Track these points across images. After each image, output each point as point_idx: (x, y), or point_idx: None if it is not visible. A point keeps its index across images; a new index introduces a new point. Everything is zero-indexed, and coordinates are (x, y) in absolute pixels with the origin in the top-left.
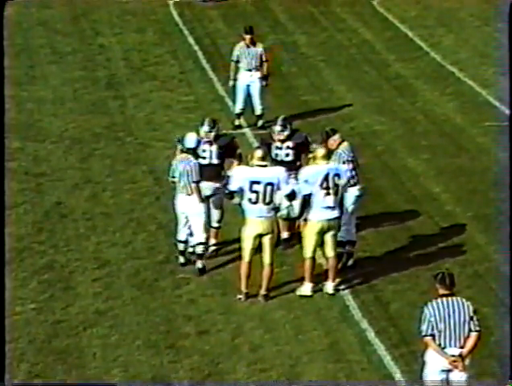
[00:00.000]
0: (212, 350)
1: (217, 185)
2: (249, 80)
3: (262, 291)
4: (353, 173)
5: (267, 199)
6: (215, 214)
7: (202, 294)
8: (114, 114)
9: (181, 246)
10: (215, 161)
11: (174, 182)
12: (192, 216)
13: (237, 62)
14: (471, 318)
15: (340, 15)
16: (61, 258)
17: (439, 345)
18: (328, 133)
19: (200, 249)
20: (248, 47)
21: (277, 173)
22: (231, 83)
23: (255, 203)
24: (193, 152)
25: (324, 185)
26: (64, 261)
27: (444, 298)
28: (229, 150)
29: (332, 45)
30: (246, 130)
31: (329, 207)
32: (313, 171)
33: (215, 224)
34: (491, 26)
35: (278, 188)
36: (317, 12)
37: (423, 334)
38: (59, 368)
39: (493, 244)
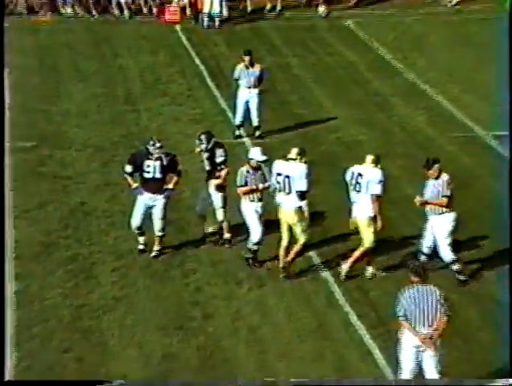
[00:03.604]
0: (216, 331)
1: (159, 197)
2: (248, 96)
3: (288, 258)
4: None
5: (287, 190)
6: (158, 224)
7: (207, 283)
8: (130, 125)
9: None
10: (158, 175)
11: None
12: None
13: (238, 80)
14: (440, 303)
15: (327, 40)
16: (84, 251)
17: (412, 326)
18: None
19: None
20: (247, 67)
21: (295, 169)
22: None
23: (278, 192)
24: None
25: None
26: (86, 254)
27: (417, 286)
28: (172, 167)
29: (321, 66)
30: (245, 139)
31: None
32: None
33: (158, 233)
34: (457, 51)
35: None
36: (308, 38)
37: (398, 316)
38: (84, 346)
39: (461, 238)
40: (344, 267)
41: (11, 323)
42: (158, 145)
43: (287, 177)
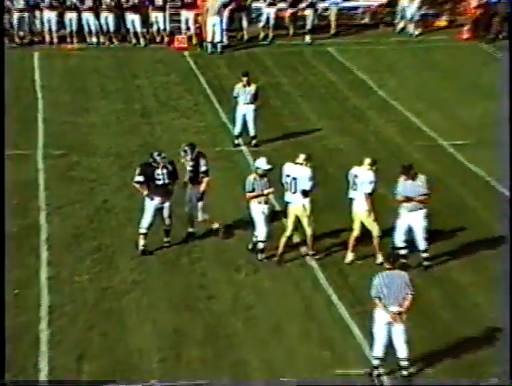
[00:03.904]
0: (218, 309)
1: (167, 200)
2: (245, 110)
3: (310, 252)
4: None
5: (293, 190)
6: (167, 220)
7: (211, 269)
8: (146, 136)
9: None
10: (167, 181)
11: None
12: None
13: (237, 97)
14: (408, 286)
15: (312, 64)
16: (107, 242)
17: (384, 305)
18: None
19: (261, 245)
20: (245, 86)
21: (301, 172)
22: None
23: (286, 190)
24: None
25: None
26: (109, 244)
27: (388, 271)
28: (175, 172)
29: (307, 85)
30: (243, 148)
31: None
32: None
33: (167, 227)
34: (422, 73)
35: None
36: (295, 61)
37: (373, 297)
38: (106, 323)
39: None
40: (379, 257)
41: (45, 304)
42: (163, 155)
43: (294, 178)
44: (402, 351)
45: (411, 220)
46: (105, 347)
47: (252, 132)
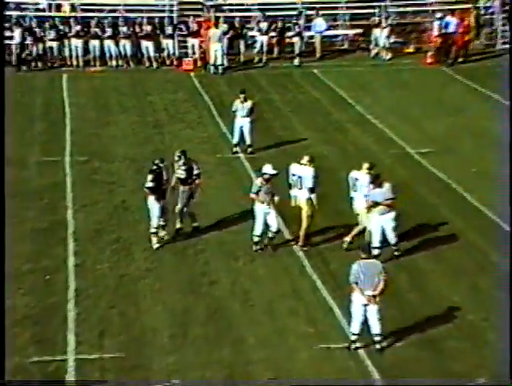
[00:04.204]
0: (219, 293)
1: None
2: (242, 123)
3: (300, 243)
4: None
5: (299, 186)
6: (165, 217)
7: (212, 258)
8: (157, 144)
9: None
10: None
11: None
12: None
13: (235, 112)
14: (381, 273)
15: (300, 83)
16: (124, 235)
17: (361, 289)
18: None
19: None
20: (242, 102)
21: (306, 171)
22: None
23: (294, 187)
24: None
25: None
26: (126, 237)
27: (364, 260)
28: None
29: (295, 101)
30: (241, 155)
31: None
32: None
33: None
34: (393, 91)
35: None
36: (286, 81)
37: (351, 282)
38: (124, 304)
39: (397, 227)
40: (347, 239)
41: (72, 288)
42: (165, 162)
43: (300, 177)
44: (375, 328)
45: (383, 222)
46: (123, 325)
47: (248, 141)
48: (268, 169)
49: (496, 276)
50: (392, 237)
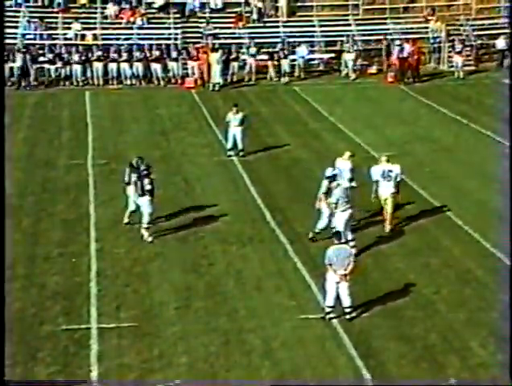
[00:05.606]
0: (216, 273)
1: None
2: (235, 131)
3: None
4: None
5: (343, 177)
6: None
7: (211, 244)
8: (164, 149)
9: None
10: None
11: None
12: None
13: (229, 122)
14: (350, 255)
15: (283, 98)
16: (137, 225)
17: (334, 269)
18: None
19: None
20: (234, 114)
21: (345, 165)
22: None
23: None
24: None
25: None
26: (138, 227)
27: (337, 245)
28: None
29: (280, 113)
30: (234, 158)
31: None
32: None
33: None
34: (360, 104)
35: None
36: (271, 96)
37: (326, 263)
38: (137, 282)
39: (366, 213)
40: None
41: (94, 269)
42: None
43: (340, 170)
44: (346, 301)
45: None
46: (136, 300)
47: (240, 146)
48: (328, 171)
49: (445, 255)
50: (347, 234)
